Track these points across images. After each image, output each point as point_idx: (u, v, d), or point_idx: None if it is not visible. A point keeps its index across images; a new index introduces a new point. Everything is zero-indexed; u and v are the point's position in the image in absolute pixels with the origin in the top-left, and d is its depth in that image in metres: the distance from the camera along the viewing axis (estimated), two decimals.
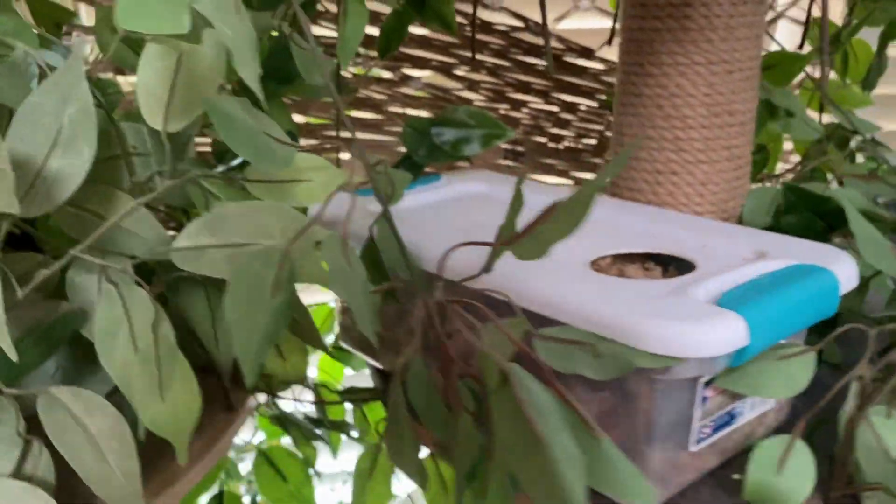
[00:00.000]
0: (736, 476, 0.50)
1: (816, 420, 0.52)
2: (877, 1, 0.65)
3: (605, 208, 0.62)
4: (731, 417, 0.50)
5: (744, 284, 0.44)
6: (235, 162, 0.48)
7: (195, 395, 0.39)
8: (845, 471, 0.46)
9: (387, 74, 0.89)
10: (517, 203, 0.36)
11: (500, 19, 0.89)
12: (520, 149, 0.97)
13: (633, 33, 0.62)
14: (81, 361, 0.43)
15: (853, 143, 0.77)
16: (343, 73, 0.68)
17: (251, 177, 0.44)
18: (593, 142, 1.01)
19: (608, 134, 1.01)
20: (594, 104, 0.98)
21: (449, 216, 0.61)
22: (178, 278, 0.45)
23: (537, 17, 0.92)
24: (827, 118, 0.80)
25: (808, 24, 0.73)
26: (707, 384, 0.45)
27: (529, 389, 0.32)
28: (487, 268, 0.41)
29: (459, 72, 0.91)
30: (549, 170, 1.00)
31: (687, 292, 0.44)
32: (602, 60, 0.96)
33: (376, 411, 0.75)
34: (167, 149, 0.42)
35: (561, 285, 0.45)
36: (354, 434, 0.66)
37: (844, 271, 0.47)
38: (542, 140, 1.00)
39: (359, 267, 0.41)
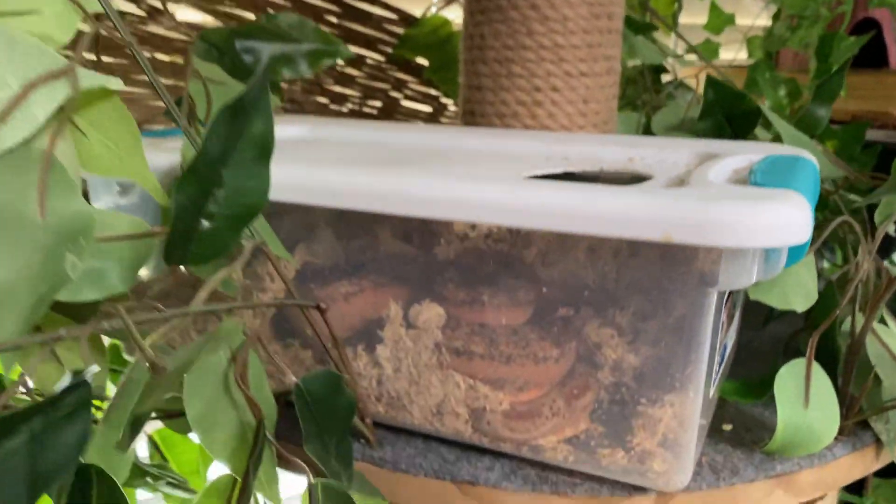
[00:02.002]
0: (727, 426, 0.41)
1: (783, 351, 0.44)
2: None
3: (489, 137, 0.49)
4: (724, 351, 0.40)
5: (754, 170, 0.35)
6: None
7: None
8: (861, 393, 0.39)
9: (129, 6, 0.67)
10: None
11: None
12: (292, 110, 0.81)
13: None
14: None
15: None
16: None
17: None
18: (378, 104, 0.88)
19: (394, 94, 0.89)
20: (380, 58, 0.85)
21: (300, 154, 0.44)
22: None
23: None
24: None
25: None
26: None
27: None
28: None
29: (226, 7, 0.72)
30: None
31: (704, 180, 0.33)
32: (387, 7, 0.83)
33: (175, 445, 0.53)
34: None
35: (561, 192, 0.31)
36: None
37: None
38: (324, 101, 0.85)
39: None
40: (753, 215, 0.28)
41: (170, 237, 0.25)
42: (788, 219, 0.28)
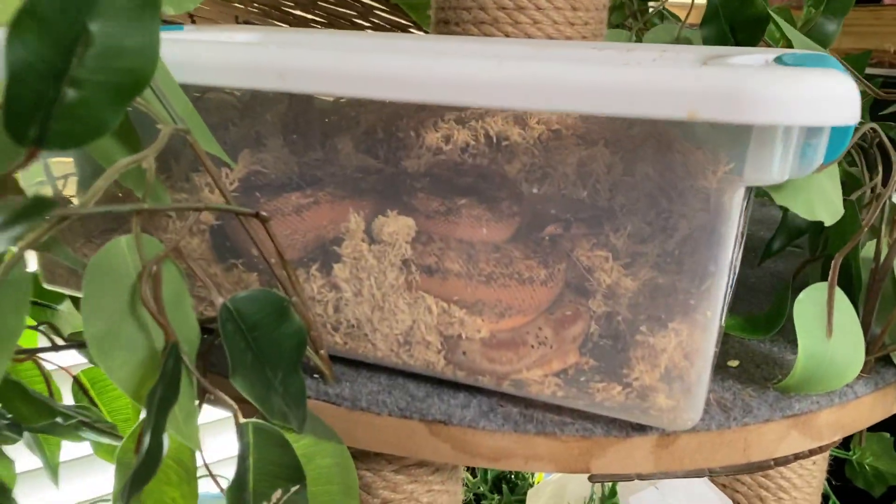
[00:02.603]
0: (733, 363, 0.36)
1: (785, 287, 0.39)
2: None
3: (467, 44, 0.43)
4: (734, 275, 0.35)
5: (782, 57, 0.30)
6: None
7: None
8: (885, 327, 0.34)
9: None
10: None
11: None
12: None
13: None
14: None
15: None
16: None
17: None
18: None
19: (360, 22, 0.82)
20: None
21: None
22: None
23: None
24: None
25: None
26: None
27: None
28: None
29: None
30: None
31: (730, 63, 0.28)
32: None
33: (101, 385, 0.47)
34: None
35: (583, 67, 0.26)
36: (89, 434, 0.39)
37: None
38: (283, 27, 0.78)
39: None
40: (795, 86, 0.22)
41: (8, 105, 0.18)
42: (834, 92, 0.23)
